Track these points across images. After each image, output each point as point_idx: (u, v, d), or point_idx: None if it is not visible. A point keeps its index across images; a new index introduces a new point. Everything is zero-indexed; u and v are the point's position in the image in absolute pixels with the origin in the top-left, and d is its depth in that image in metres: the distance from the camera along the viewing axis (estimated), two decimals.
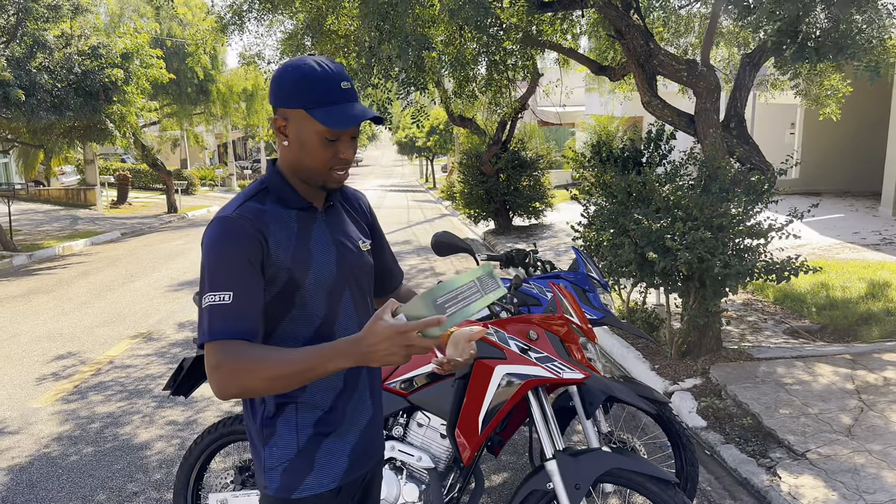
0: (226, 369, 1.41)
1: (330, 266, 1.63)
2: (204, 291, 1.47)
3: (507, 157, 14.47)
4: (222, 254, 1.48)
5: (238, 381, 1.40)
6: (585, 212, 6.54)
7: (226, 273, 1.47)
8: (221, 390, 1.43)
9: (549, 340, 2.53)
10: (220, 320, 1.45)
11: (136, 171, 32.28)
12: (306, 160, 1.57)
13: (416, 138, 39.35)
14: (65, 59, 13.20)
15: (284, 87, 1.53)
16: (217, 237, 1.50)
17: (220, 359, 1.42)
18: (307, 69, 1.52)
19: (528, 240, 13.73)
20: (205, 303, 1.46)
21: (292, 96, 1.52)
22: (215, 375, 1.42)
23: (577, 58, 7.79)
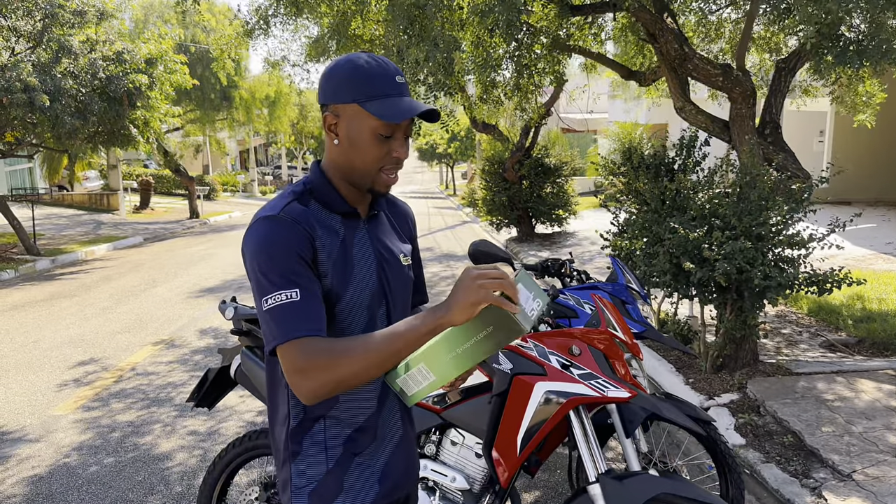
0: (317, 365, 1.30)
1: (371, 278, 1.53)
2: (264, 294, 1.35)
3: (530, 163, 14.33)
4: (275, 252, 1.38)
5: (334, 375, 1.30)
6: (615, 220, 6.38)
7: (284, 271, 1.37)
8: (314, 392, 1.31)
9: (593, 356, 2.39)
10: (293, 319, 1.34)
11: (159, 177, 32.53)
12: (357, 159, 1.48)
13: (436, 144, 39.33)
14: (89, 65, 13.26)
15: (336, 82, 1.45)
16: (265, 236, 1.40)
17: (307, 357, 1.31)
18: (361, 63, 1.44)
19: (552, 248, 13.55)
20: (268, 305, 1.35)
21: (345, 90, 1.44)
22: (304, 377, 1.30)
23: (606, 62, 7.64)
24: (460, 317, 1.23)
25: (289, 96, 25.72)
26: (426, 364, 1.34)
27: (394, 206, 1.74)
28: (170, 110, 15.85)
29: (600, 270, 10.09)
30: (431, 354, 1.32)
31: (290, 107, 28.49)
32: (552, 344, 2.42)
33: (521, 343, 2.43)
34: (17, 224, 14.46)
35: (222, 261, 13.28)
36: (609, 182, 6.94)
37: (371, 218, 1.61)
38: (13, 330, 7.74)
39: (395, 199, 1.75)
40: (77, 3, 13.54)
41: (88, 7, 13.82)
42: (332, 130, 1.49)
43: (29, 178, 29.04)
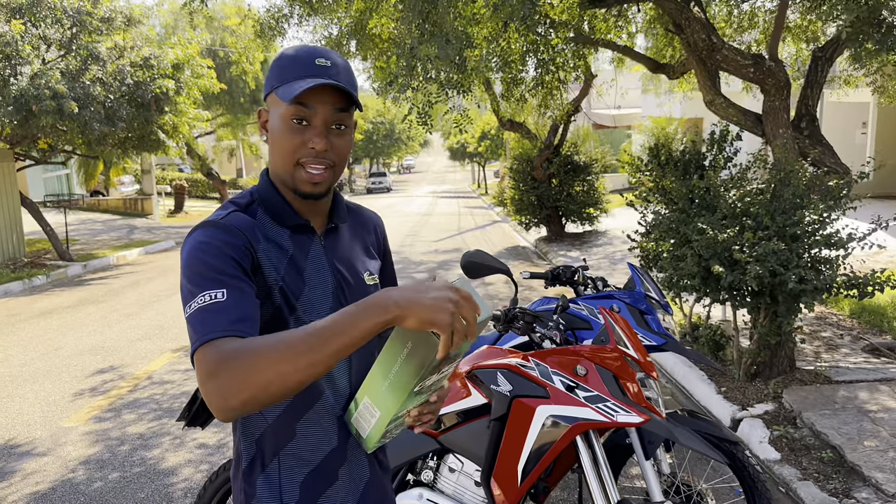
0: (229, 368, 1.04)
1: (325, 302, 1.34)
2: (188, 301, 1.17)
3: (559, 161, 14.05)
4: (208, 255, 1.21)
5: (249, 379, 1.03)
6: (643, 219, 6.11)
7: (211, 271, 1.19)
8: (226, 400, 1.03)
9: (601, 376, 2.17)
10: (213, 320, 1.13)
11: (193, 181, 32.90)
12: (276, 154, 1.32)
13: (467, 144, 39.12)
14: (117, 71, 13.36)
15: (267, 76, 1.34)
16: (199, 241, 1.23)
17: (219, 358, 1.06)
18: (289, 51, 1.31)
19: (582, 247, 13.25)
20: (193, 307, 1.15)
21: (268, 81, 1.32)
22: (215, 383, 1.03)
23: (632, 56, 7.36)
24: (413, 320, 1.01)
25: None
26: (370, 398, 1.18)
27: (358, 215, 1.55)
28: (198, 115, 15.91)
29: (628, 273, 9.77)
30: (371, 386, 1.16)
31: None
32: (556, 363, 2.20)
33: (522, 362, 2.22)
34: (51, 230, 14.66)
35: None
36: (636, 180, 6.67)
37: (329, 232, 1.41)
38: (37, 337, 7.75)
39: (360, 208, 1.57)
40: (105, 10, 13.66)
41: (116, 14, 13.94)
42: (265, 127, 1.35)
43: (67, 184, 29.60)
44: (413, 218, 24.07)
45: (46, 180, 27.78)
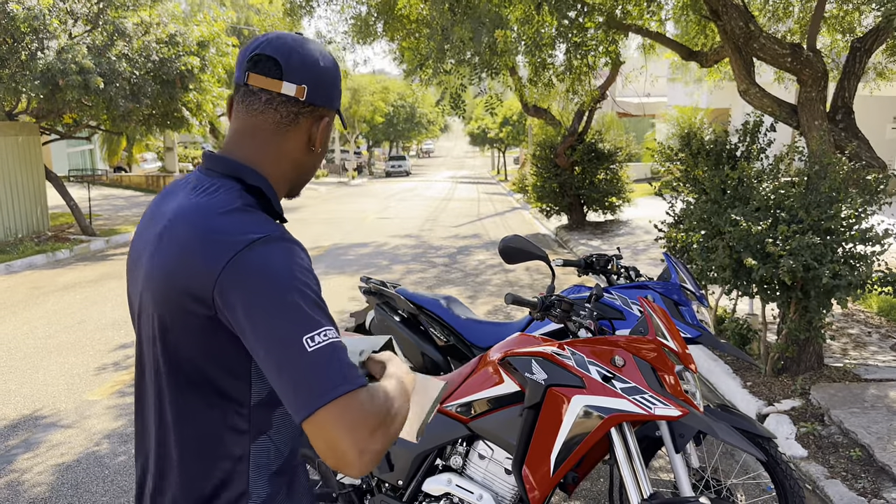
0: (389, 426, 1.04)
1: None
2: (313, 328, 1.04)
3: (582, 148, 13.90)
4: (313, 283, 1.11)
5: (392, 435, 1.05)
6: (671, 209, 6.02)
7: (322, 306, 1.10)
8: (378, 457, 1.02)
9: (638, 367, 2.12)
10: (347, 364, 1.04)
11: None
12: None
13: (488, 129, 38.91)
14: (143, 48, 13.37)
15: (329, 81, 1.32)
16: (302, 261, 1.13)
17: (377, 411, 1.03)
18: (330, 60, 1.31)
19: (604, 236, 13.14)
20: (318, 343, 1.03)
21: (332, 92, 1.31)
22: (373, 438, 1.01)
23: (665, 42, 7.23)
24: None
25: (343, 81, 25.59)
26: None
27: None
28: (221, 93, 15.91)
29: (654, 262, 9.69)
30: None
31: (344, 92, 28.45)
32: (592, 352, 2.16)
33: (558, 351, 2.18)
34: (74, 205, 14.77)
35: None
36: (665, 169, 6.57)
37: None
38: (61, 311, 7.83)
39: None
40: None
41: None
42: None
43: (90, 159, 29.86)
44: (433, 202, 24.02)
45: (70, 155, 28.04)
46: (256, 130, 1.24)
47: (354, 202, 24.74)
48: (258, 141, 1.24)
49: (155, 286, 1.15)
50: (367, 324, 3.61)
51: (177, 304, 1.12)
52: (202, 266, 1.09)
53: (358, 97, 38.86)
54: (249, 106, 1.24)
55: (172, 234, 1.16)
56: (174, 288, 1.12)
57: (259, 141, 1.24)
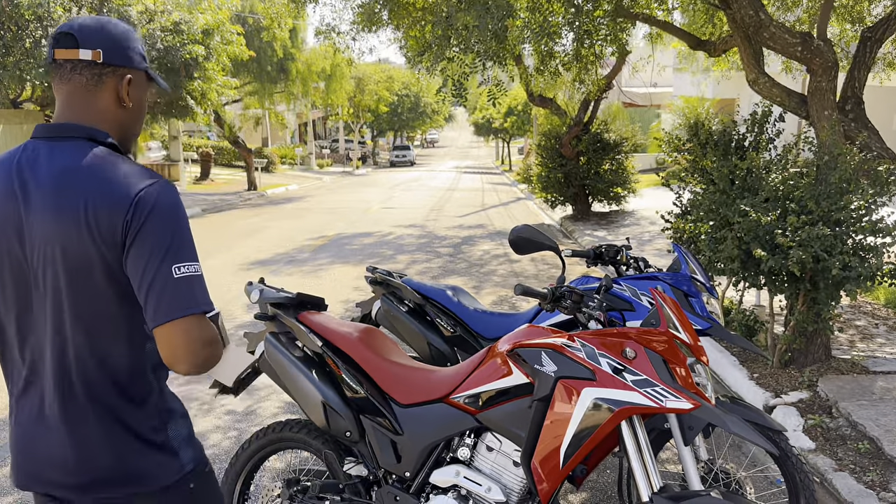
0: (217, 342, 1.44)
1: None
2: (182, 259, 1.40)
3: (588, 139, 13.84)
4: (187, 223, 1.46)
5: (217, 354, 1.46)
6: (678, 200, 5.98)
7: (192, 243, 1.46)
8: (207, 364, 1.42)
9: (650, 360, 2.09)
10: (205, 292, 1.43)
11: (220, 149, 32.98)
12: (137, 122, 1.62)
13: (492, 119, 38.78)
14: (148, 36, 13.34)
15: (132, 46, 1.58)
16: (180, 204, 1.47)
17: (214, 331, 1.44)
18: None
19: (609, 227, 13.10)
20: (189, 271, 1.40)
21: (138, 53, 1.57)
22: (210, 350, 1.41)
23: (673, 31, 7.17)
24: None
25: (345, 69, 25.59)
26: None
27: None
28: (227, 82, 15.89)
29: (660, 253, 9.65)
30: None
31: (347, 80, 28.36)
32: (603, 344, 2.13)
33: (568, 343, 2.15)
34: None
35: (275, 234, 13.30)
36: (672, 159, 6.52)
37: None
38: None
39: None
40: None
41: None
42: (128, 95, 1.53)
43: None
44: (437, 192, 23.98)
45: None
46: (72, 96, 1.46)
47: (359, 192, 24.70)
48: (78, 105, 1.47)
49: (65, 234, 1.38)
50: (373, 314, 3.59)
51: (89, 243, 1.38)
52: (111, 213, 1.37)
53: (362, 86, 38.73)
54: (61, 77, 1.47)
55: (61, 193, 1.39)
56: (83, 233, 1.38)
57: (78, 105, 1.47)
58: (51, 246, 1.39)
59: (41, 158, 1.44)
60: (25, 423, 1.51)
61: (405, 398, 2.46)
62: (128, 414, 1.49)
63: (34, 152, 1.45)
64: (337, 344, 2.56)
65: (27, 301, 1.45)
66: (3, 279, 1.46)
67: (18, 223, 1.41)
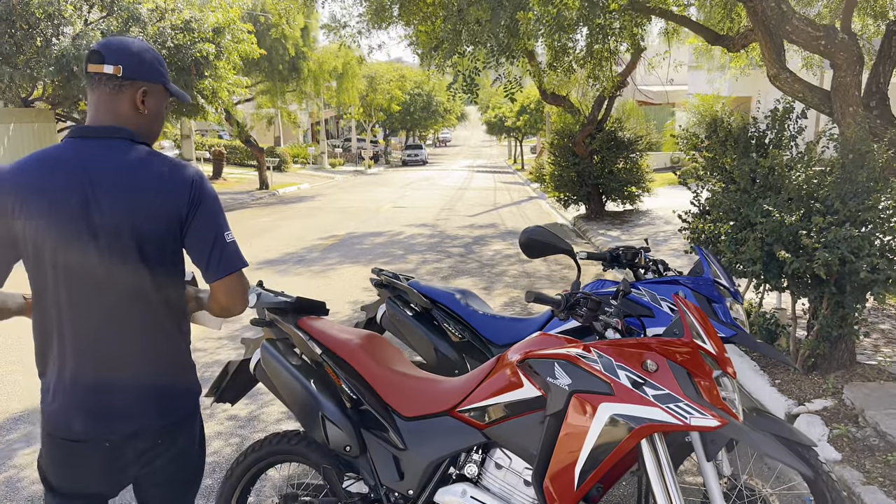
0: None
1: None
2: (228, 228, 1.86)
3: (602, 137, 13.64)
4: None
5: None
6: (696, 199, 5.79)
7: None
8: (244, 306, 1.91)
9: (672, 372, 1.93)
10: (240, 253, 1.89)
11: (232, 148, 32.98)
12: (159, 128, 1.91)
13: (505, 118, 38.57)
14: (158, 34, 13.27)
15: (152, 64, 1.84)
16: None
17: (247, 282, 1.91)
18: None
19: (623, 227, 12.89)
20: (233, 237, 1.86)
21: (158, 71, 1.84)
22: (247, 296, 1.90)
23: (690, 26, 6.97)
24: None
25: (356, 68, 25.48)
26: None
27: None
28: (238, 80, 15.79)
29: (675, 253, 9.44)
30: None
31: (358, 79, 28.25)
32: (621, 355, 1.97)
33: (584, 353, 1.99)
34: None
35: (285, 233, 13.19)
36: (689, 157, 6.33)
37: None
38: None
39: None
40: None
41: None
42: (143, 104, 1.80)
43: None
44: (449, 192, 23.83)
45: None
46: (99, 102, 1.77)
47: (370, 191, 24.60)
48: (104, 110, 1.77)
49: (134, 216, 1.71)
50: (378, 318, 3.44)
51: (156, 223, 1.75)
52: (179, 197, 1.76)
53: (374, 85, 38.63)
54: (92, 87, 1.77)
55: (134, 183, 1.73)
56: (159, 215, 1.74)
57: (104, 110, 1.77)
58: (124, 223, 1.71)
59: (103, 155, 1.73)
60: None
61: (409, 410, 2.31)
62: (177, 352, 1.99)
63: (91, 149, 1.74)
64: (337, 352, 2.42)
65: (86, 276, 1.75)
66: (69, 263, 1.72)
67: (87, 211, 1.69)
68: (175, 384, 1.88)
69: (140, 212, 1.70)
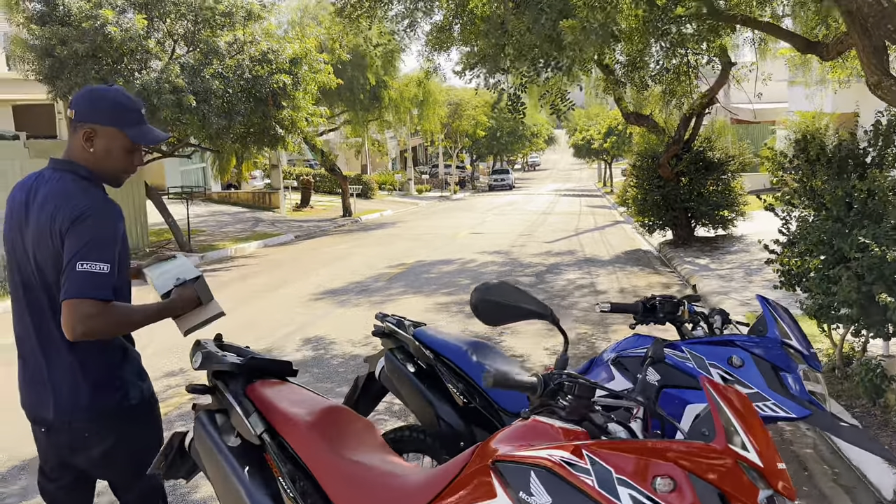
0: (103, 322, 1.98)
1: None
2: (87, 257, 1.93)
3: (689, 158, 12.75)
4: (104, 232, 2.04)
5: (104, 330, 2.02)
6: (785, 227, 5.05)
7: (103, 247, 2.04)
8: (71, 336, 1.95)
9: (696, 493, 1.35)
10: (96, 283, 1.96)
11: (321, 176, 33.57)
12: (107, 164, 2.11)
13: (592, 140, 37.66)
14: (236, 66, 13.47)
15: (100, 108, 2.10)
16: (100, 219, 2.03)
17: (94, 313, 1.94)
18: (118, 96, 2.12)
19: (713, 254, 11.94)
20: (89, 267, 1.93)
21: (106, 115, 2.06)
22: (85, 329, 1.94)
23: (777, 33, 6.23)
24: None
25: (437, 95, 25.38)
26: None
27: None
28: (316, 110, 15.86)
29: (769, 285, 8.49)
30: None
31: (440, 106, 28.17)
32: (625, 467, 1.41)
33: (572, 459, 1.44)
34: (172, 221, 15.11)
35: (357, 261, 12.99)
36: (778, 179, 5.59)
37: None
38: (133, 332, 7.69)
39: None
40: (225, 5, 13.82)
41: (237, 9, 14.09)
42: (91, 141, 2.05)
43: (203, 177, 31.08)
44: (530, 217, 23.25)
45: (183, 172, 29.25)
46: (68, 138, 2.10)
47: (451, 217, 24.32)
48: (68, 145, 2.09)
49: (37, 236, 2.00)
50: (377, 373, 2.94)
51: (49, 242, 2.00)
52: (62, 221, 1.96)
53: (460, 111, 38.64)
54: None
55: (43, 206, 2.00)
56: (50, 235, 1.98)
57: (68, 145, 2.09)
58: (29, 241, 2.03)
59: (47, 183, 2.05)
60: None
61: None
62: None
63: (45, 177, 2.08)
64: (281, 432, 1.96)
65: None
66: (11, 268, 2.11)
67: (24, 229, 2.05)
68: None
69: (39, 232, 1.99)
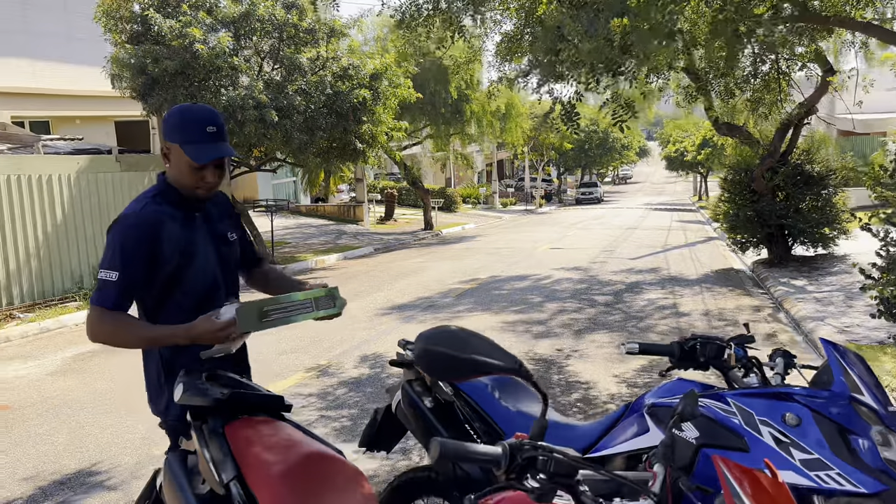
0: (106, 333, 2.16)
1: (211, 255, 2.36)
2: (106, 265, 2.13)
3: (786, 171, 11.90)
4: (124, 240, 2.19)
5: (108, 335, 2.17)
6: (883, 249, 4.48)
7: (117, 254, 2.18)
8: (91, 338, 2.17)
9: None
10: (106, 292, 2.14)
11: (406, 190, 33.87)
12: (179, 177, 2.28)
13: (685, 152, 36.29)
14: (318, 82, 13.65)
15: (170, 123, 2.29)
16: (126, 226, 2.21)
17: (100, 320, 2.15)
18: (184, 111, 2.30)
19: (812, 274, 11.06)
20: (104, 276, 2.13)
21: (172, 130, 2.25)
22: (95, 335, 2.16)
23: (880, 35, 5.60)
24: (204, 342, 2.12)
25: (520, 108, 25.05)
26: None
27: (214, 199, 2.45)
28: (396, 124, 15.90)
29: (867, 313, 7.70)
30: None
31: (523, 118, 27.83)
32: None
33: None
34: (257, 233, 15.44)
35: (430, 275, 12.83)
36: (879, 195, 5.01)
37: (206, 212, 2.41)
38: None
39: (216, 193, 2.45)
40: (308, 23, 14.05)
41: (320, 25, 14.30)
42: (168, 158, 2.29)
43: (294, 191, 31.98)
44: (616, 231, 22.51)
45: (275, 186, 30.16)
46: None
47: (533, 231, 23.90)
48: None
49: None
50: (393, 406, 2.68)
51: None
52: None
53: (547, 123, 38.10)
54: None
55: None
56: None
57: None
58: None
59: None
60: None
61: None
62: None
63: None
64: (249, 481, 1.74)
65: None
66: None
67: None
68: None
69: None
